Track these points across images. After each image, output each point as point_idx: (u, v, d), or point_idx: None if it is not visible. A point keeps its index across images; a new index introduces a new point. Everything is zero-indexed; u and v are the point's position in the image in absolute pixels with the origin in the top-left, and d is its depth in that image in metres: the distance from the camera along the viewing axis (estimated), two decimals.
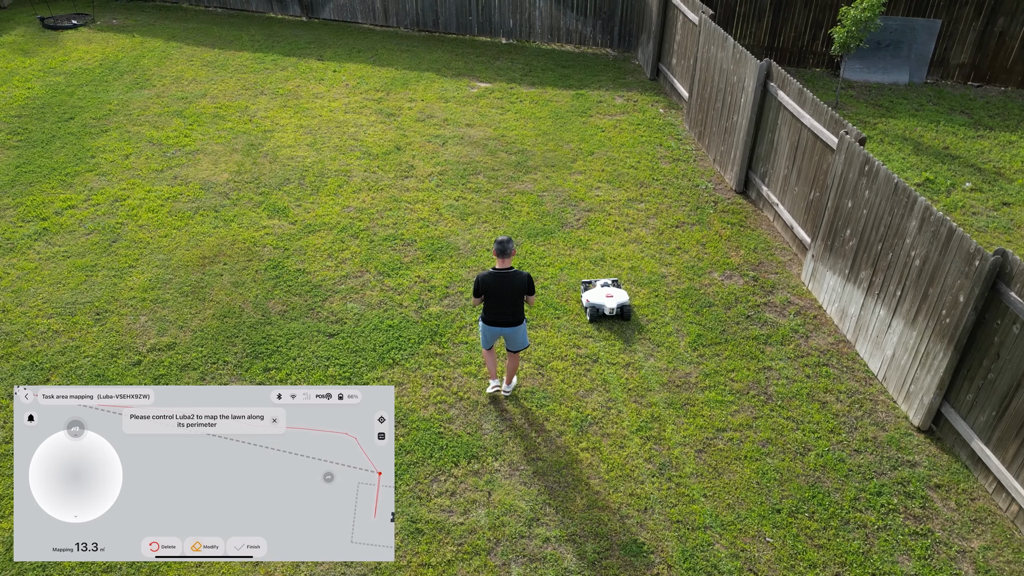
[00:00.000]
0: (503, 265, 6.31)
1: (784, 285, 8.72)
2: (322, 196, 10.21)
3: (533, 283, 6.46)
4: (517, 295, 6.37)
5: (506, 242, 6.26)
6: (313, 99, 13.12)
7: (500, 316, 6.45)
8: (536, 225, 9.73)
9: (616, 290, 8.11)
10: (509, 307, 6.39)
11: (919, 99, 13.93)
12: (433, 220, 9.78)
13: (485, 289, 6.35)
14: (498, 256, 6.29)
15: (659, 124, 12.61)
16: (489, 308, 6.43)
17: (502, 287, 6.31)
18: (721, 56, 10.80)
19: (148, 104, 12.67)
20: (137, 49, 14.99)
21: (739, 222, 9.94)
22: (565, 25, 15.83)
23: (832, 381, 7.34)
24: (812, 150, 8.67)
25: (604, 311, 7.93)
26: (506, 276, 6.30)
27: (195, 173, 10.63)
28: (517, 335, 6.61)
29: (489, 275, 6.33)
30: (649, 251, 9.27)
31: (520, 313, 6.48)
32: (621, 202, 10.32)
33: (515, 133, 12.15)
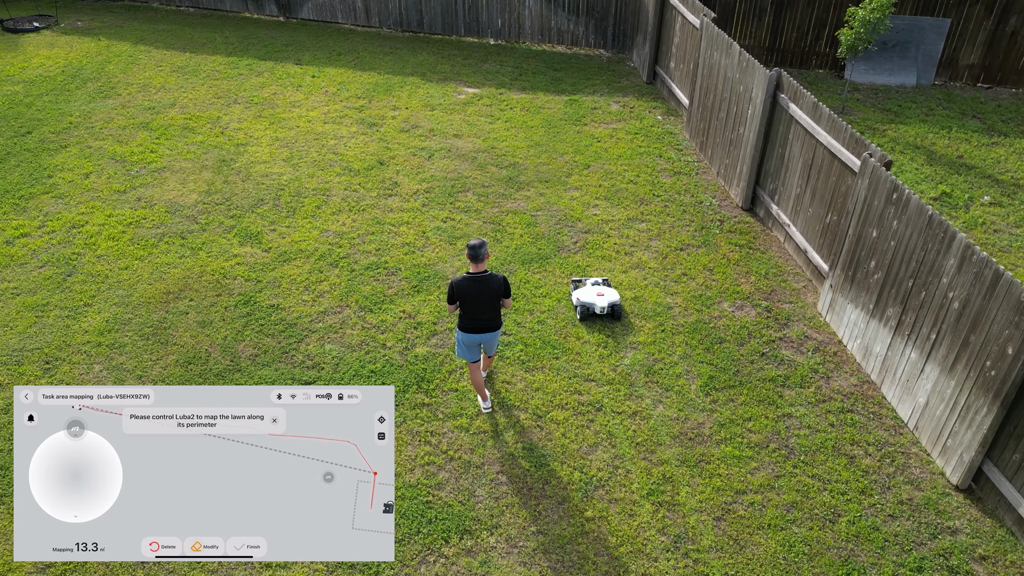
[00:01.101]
0: (477, 269, 6.04)
1: (800, 316, 8.06)
2: (299, 219, 9.45)
3: (509, 286, 6.28)
4: (494, 299, 6.14)
5: (479, 246, 5.98)
6: (290, 108, 12.32)
7: (479, 323, 6.21)
8: (530, 250, 9.02)
9: (607, 289, 7.95)
10: (487, 312, 6.19)
11: (928, 103, 13.29)
12: (419, 245, 9.05)
13: (460, 295, 6.08)
14: (472, 260, 6.02)
15: (658, 133, 11.91)
16: (466, 315, 6.19)
17: (479, 292, 6.06)
18: (725, 63, 10.10)
19: (112, 115, 11.83)
20: (103, 54, 14.10)
21: (747, 243, 9.27)
22: (556, 25, 15.07)
23: (859, 430, 6.69)
24: (829, 170, 8.00)
25: (594, 310, 7.76)
26: (481, 280, 6.05)
27: (161, 194, 9.83)
28: (495, 341, 6.48)
29: (464, 280, 6.05)
30: (653, 278, 8.59)
31: (498, 318, 6.30)
32: (621, 222, 9.63)
33: (506, 144, 11.42)
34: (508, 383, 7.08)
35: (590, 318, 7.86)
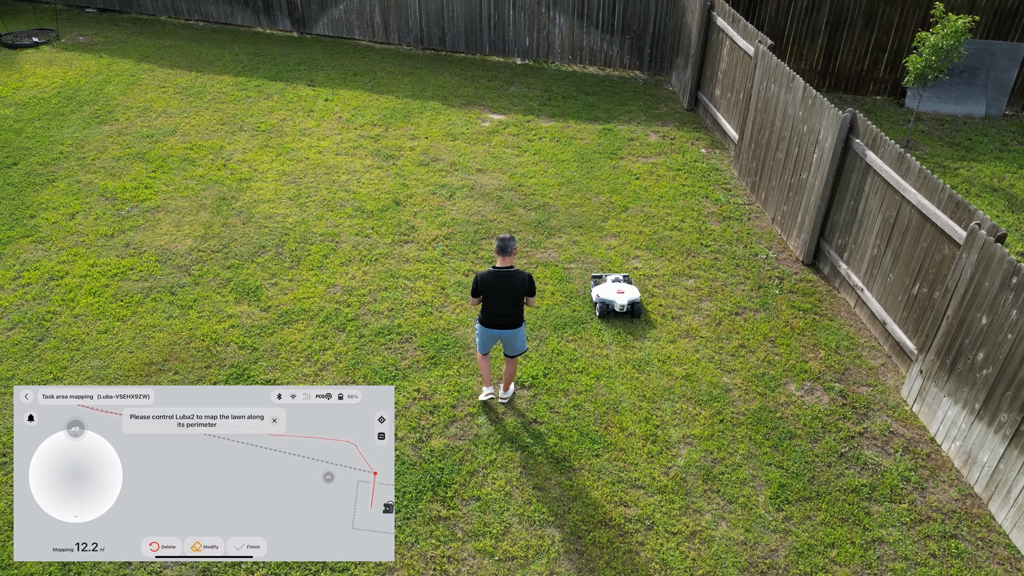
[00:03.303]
0: (503, 264, 6.08)
1: (881, 404, 6.89)
2: (303, 270, 8.42)
3: (534, 283, 6.30)
4: (517, 296, 6.15)
5: (508, 240, 6.03)
6: (300, 136, 11.31)
7: (499, 318, 6.20)
8: (563, 312, 7.92)
9: (627, 286, 7.91)
10: (509, 308, 6.17)
11: (1001, 136, 12.03)
12: (438, 304, 7.98)
13: (484, 289, 6.11)
14: (498, 254, 6.07)
15: (702, 169, 10.76)
16: (488, 309, 6.21)
17: (502, 287, 6.08)
18: (786, 98, 8.94)
19: (107, 144, 10.88)
20: (103, 73, 13.19)
21: (812, 307, 8.10)
22: (588, 44, 13.96)
23: (966, 563, 5.52)
24: (919, 234, 6.83)
25: (614, 307, 7.75)
26: (506, 275, 6.07)
27: (152, 239, 8.84)
28: (516, 338, 6.36)
29: (488, 274, 6.08)
30: (706, 350, 7.46)
31: (520, 315, 6.26)
32: (666, 277, 8.50)
33: (534, 181, 10.33)
34: (541, 489, 5.98)
35: (609, 315, 7.79)
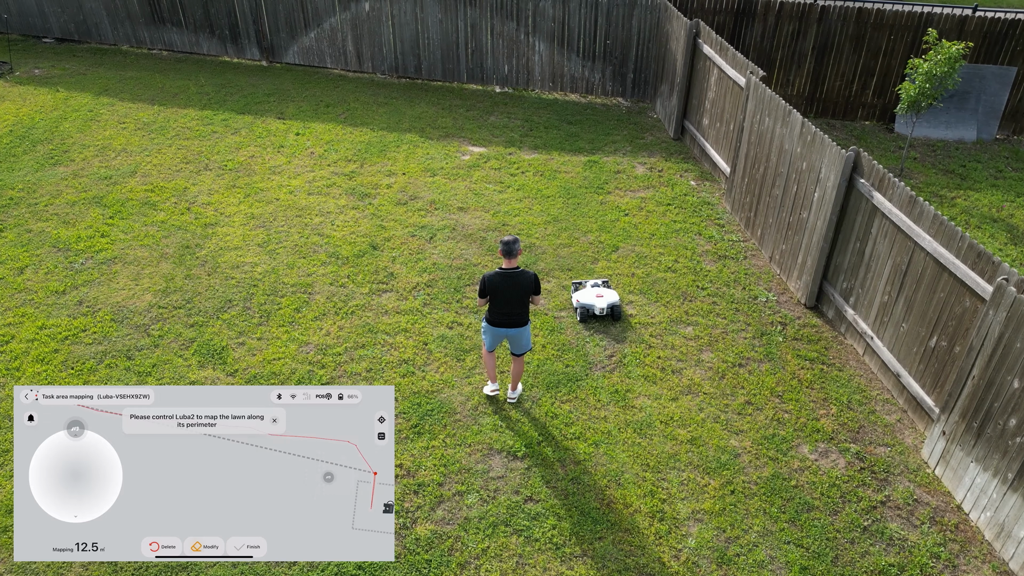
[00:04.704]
0: (509, 265, 6.33)
1: (901, 467, 6.41)
2: (273, 326, 7.80)
3: (539, 283, 6.52)
4: (524, 295, 6.38)
5: (512, 242, 6.26)
6: (269, 175, 10.70)
7: (507, 317, 6.43)
8: (555, 367, 7.38)
9: (606, 290, 8.09)
10: (516, 308, 6.40)
11: (995, 162, 11.75)
12: (419, 362, 7.40)
13: (491, 290, 6.31)
14: (504, 256, 6.30)
15: (693, 203, 10.31)
16: (495, 309, 6.42)
17: (509, 287, 6.31)
18: (782, 133, 8.52)
19: (62, 187, 10.19)
20: (59, 108, 12.49)
21: (819, 356, 7.64)
22: (569, 71, 13.52)
23: None
24: (935, 283, 6.40)
25: (594, 311, 7.93)
26: (513, 276, 6.31)
27: (108, 295, 8.17)
28: (522, 337, 6.60)
29: (496, 275, 6.31)
30: (711, 408, 6.95)
31: (526, 314, 6.50)
32: (662, 325, 8.00)
33: (519, 220, 9.81)
34: None
35: (589, 319, 7.96)
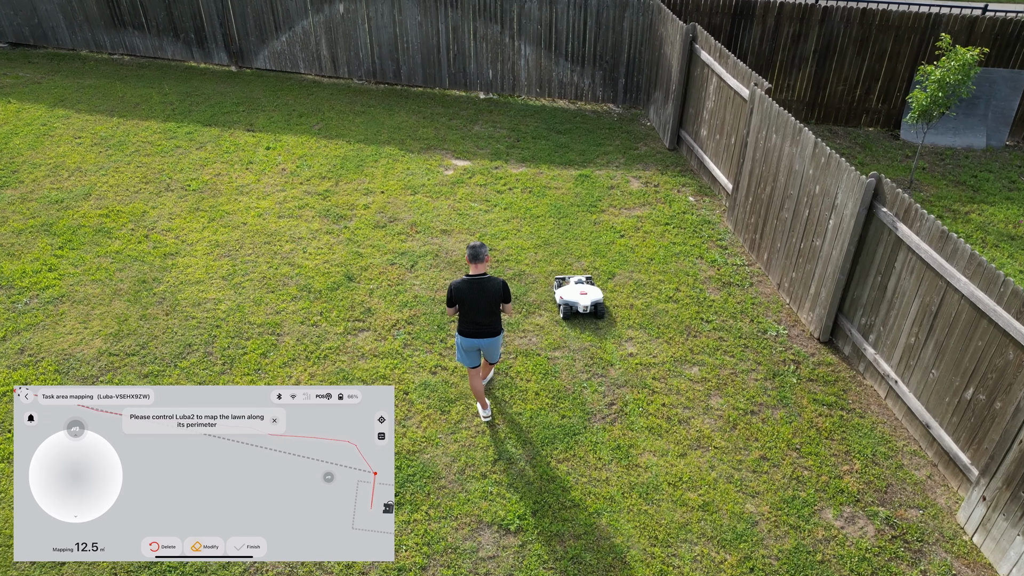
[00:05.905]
0: (476, 271, 6.06)
1: (936, 535, 5.79)
2: (237, 375, 7.05)
3: (509, 290, 6.25)
4: (493, 303, 6.12)
5: (479, 247, 6.03)
6: (236, 196, 9.90)
7: (477, 327, 6.17)
8: (550, 419, 6.69)
9: (590, 287, 7.96)
10: (486, 317, 6.15)
11: (1007, 171, 11.16)
12: (400, 416, 6.68)
13: (459, 298, 6.08)
14: (471, 261, 6.04)
15: (693, 222, 9.63)
16: (465, 319, 6.18)
17: (477, 295, 6.05)
18: (791, 152, 7.85)
19: (7, 214, 9.34)
20: (10, 122, 11.59)
21: (837, 400, 7.00)
22: (558, 76, 12.78)
23: None
24: (971, 330, 5.76)
25: (577, 308, 7.81)
26: (480, 283, 6.05)
27: (52, 341, 7.37)
28: (494, 347, 6.40)
29: (463, 282, 6.07)
30: (723, 466, 6.28)
31: (498, 323, 6.27)
32: (666, 366, 7.32)
33: (507, 244, 9.09)
34: None
35: (573, 317, 7.84)
